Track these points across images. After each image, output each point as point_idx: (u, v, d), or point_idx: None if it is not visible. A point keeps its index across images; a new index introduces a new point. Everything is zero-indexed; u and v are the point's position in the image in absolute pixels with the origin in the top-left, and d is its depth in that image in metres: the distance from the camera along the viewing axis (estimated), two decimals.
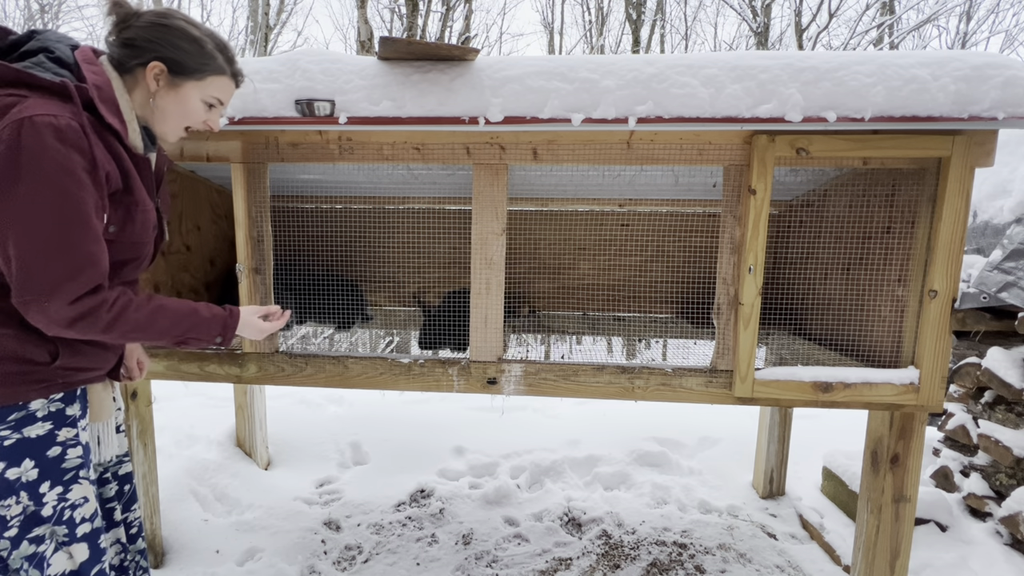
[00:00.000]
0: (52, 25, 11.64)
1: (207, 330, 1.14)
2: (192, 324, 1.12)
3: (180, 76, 1.07)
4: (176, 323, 1.09)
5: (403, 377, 1.69)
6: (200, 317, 1.13)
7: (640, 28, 13.02)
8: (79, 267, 0.95)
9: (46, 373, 1.03)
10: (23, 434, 1.02)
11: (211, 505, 2.39)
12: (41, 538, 1.05)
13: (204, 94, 1.11)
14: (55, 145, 0.90)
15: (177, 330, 1.10)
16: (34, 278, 0.93)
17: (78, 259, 0.95)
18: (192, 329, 1.12)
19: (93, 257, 0.97)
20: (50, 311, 0.95)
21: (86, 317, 0.97)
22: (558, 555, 2.17)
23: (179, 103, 1.09)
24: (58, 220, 0.92)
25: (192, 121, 1.14)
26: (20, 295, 0.94)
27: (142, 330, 1.05)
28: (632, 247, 2.38)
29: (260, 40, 11.36)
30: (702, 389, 1.61)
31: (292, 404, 3.48)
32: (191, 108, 1.11)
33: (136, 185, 1.07)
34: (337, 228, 2.27)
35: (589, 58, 1.47)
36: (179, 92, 1.08)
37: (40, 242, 0.92)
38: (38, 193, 0.90)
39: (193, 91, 1.10)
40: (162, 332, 1.08)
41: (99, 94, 1.00)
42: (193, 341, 1.13)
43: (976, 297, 2.08)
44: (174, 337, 1.10)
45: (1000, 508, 2.03)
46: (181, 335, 1.11)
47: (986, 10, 10.79)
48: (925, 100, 1.34)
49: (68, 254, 0.94)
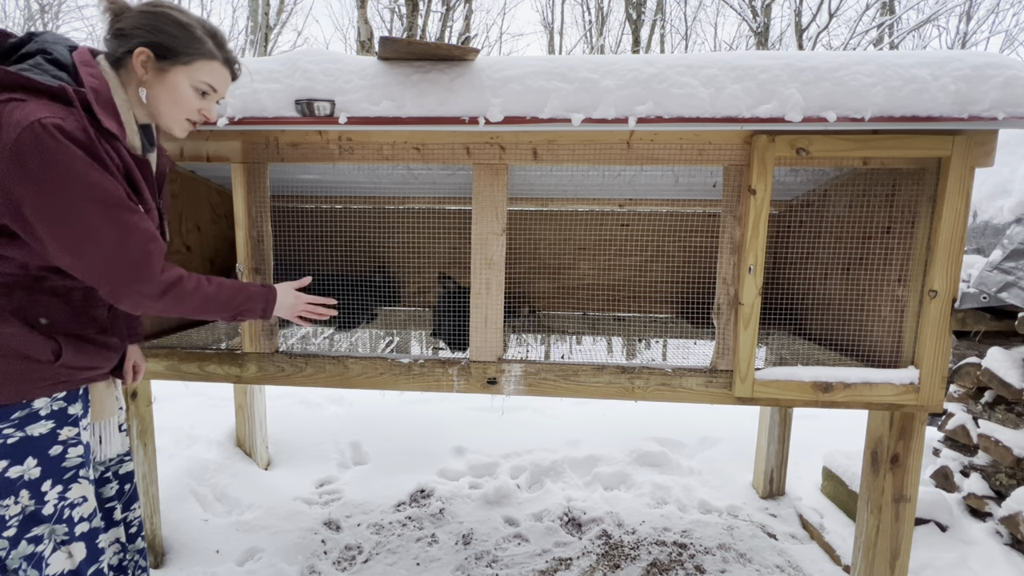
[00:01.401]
0: (52, 25, 11.63)
1: (256, 303, 1.22)
2: (246, 297, 1.20)
3: (167, 61, 1.06)
4: (233, 296, 1.18)
5: (403, 377, 1.69)
6: (249, 291, 1.22)
7: (640, 28, 13.02)
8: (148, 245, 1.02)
9: (49, 372, 1.04)
10: (26, 432, 1.02)
11: (211, 505, 2.39)
12: (40, 538, 1.05)
13: (193, 79, 1.09)
14: (70, 145, 0.92)
15: (236, 301, 1.18)
16: (116, 267, 0.99)
17: (144, 239, 1.01)
18: (246, 301, 1.20)
19: (153, 233, 1.03)
20: (144, 290, 1.02)
21: (173, 288, 1.06)
22: (558, 555, 2.17)
23: (168, 90, 1.08)
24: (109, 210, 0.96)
25: (185, 109, 1.11)
26: (109, 286, 1.01)
27: (212, 302, 1.13)
28: (632, 247, 2.38)
29: (260, 40, 11.35)
30: (702, 389, 1.61)
31: (292, 404, 3.48)
32: (180, 94, 1.09)
33: (139, 186, 1.08)
34: (337, 228, 2.27)
35: (589, 58, 1.47)
36: (167, 78, 1.07)
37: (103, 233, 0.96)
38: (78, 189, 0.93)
39: (181, 76, 1.08)
40: (225, 304, 1.16)
41: (96, 97, 1.00)
42: (247, 313, 1.21)
43: (976, 297, 2.08)
44: (233, 308, 1.18)
45: (1000, 508, 2.03)
46: (238, 307, 1.19)
47: (986, 10, 10.79)
48: (925, 100, 1.34)
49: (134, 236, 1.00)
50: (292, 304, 1.32)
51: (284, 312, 1.31)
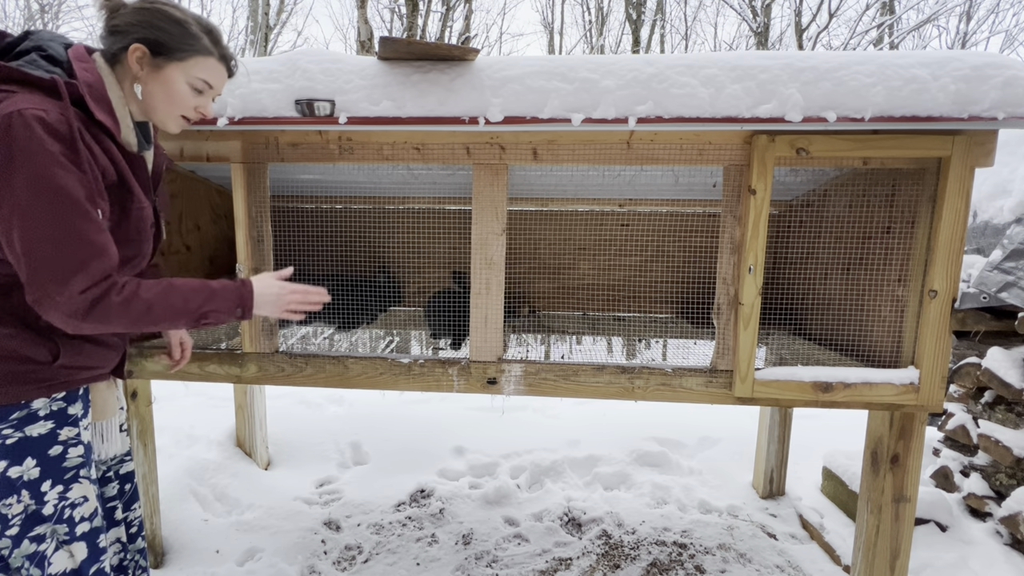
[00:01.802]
0: (52, 25, 11.63)
1: (224, 302, 1.09)
2: (206, 297, 1.06)
3: (162, 57, 1.05)
4: (190, 299, 1.04)
5: (403, 377, 1.69)
6: (212, 290, 1.08)
7: (640, 28, 13.02)
8: (86, 258, 0.93)
9: (48, 372, 1.03)
10: (25, 433, 1.02)
11: (211, 505, 2.39)
12: (42, 537, 1.05)
13: (189, 76, 1.08)
14: (45, 137, 0.90)
15: (192, 305, 1.04)
16: (41, 272, 0.91)
17: (84, 249, 0.93)
18: (208, 302, 1.06)
19: (99, 246, 0.95)
20: (62, 305, 0.92)
21: (98, 304, 0.94)
22: (558, 555, 2.17)
23: (163, 86, 1.07)
24: (58, 212, 0.91)
25: (181, 106, 1.10)
26: (32, 292, 0.92)
27: (157, 310, 1.00)
28: (632, 247, 2.38)
29: (260, 40, 11.36)
30: (702, 389, 1.61)
31: (292, 404, 3.48)
32: (176, 91, 1.08)
33: (130, 182, 1.06)
34: (337, 228, 2.27)
35: (589, 58, 1.47)
36: (162, 74, 1.06)
37: (43, 235, 0.90)
38: (35, 185, 0.89)
39: (176, 73, 1.07)
40: (177, 311, 1.03)
41: (90, 91, 0.99)
42: (213, 315, 1.07)
43: (976, 297, 2.08)
44: (191, 315, 1.05)
45: (1000, 508, 2.03)
46: (197, 311, 1.05)
47: (986, 10, 10.80)
48: (925, 100, 1.34)
49: (73, 245, 0.92)
50: (276, 296, 1.18)
51: (268, 308, 1.17)
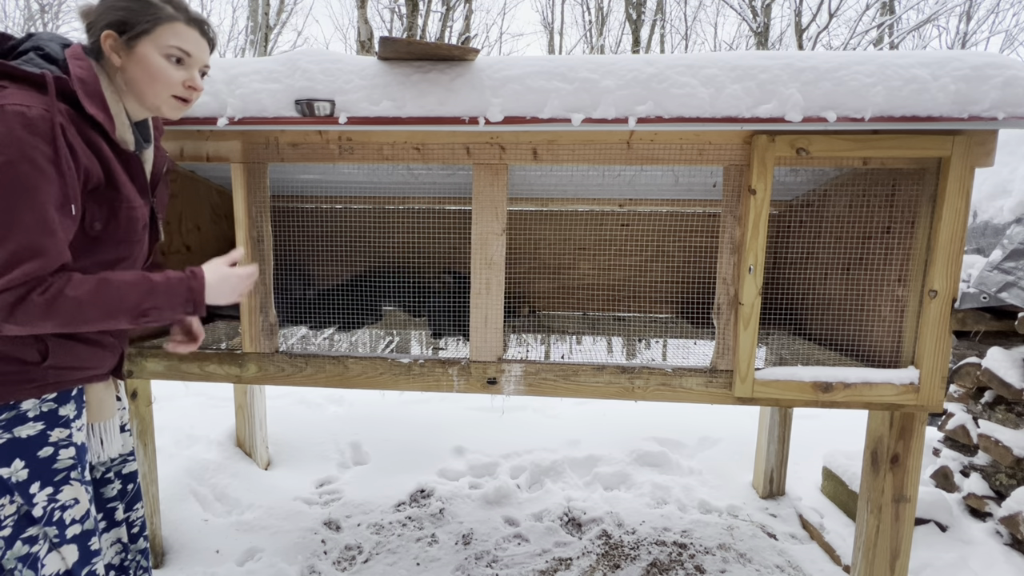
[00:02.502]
0: (52, 25, 11.64)
1: (167, 297, 1.01)
2: (146, 292, 0.99)
3: (131, 37, 1.04)
4: (125, 294, 0.97)
5: (403, 377, 1.69)
6: (152, 284, 1.00)
7: (640, 28, 13.02)
8: (19, 258, 0.89)
9: (37, 373, 1.02)
10: (13, 434, 1.01)
11: (211, 505, 2.39)
12: (35, 538, 1.04)
13: (160, 47, 1.05)
14: (21, 134, 0.89)
15: (129, 302, 0.97)
16: None
17: (20, 248, 0.89)
18: (147, 298, 0.99)
19: (39, 248, 0.90)
20: None
21: (19, 306, 0.90)
22: (558, 555, 2.17)
23: (140, 65, 1.05)
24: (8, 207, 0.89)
25: (165, 83, 1.07)
26: None
27: (88, 309, 0.94)
28: (632, 247, 2.39)
29: (260, 40, 11.36)
30: (702, 389, 1.61)
31: (292, 404, 3.48)
32: (154, 66, 1.05)
33: (120, 181, 1.05)
34: (337, 228, 2.27)
35: (589, 58, 1.47)
36: (136, 54, 1.04)
37: None
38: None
39: (149, 48, 1.04)
40: (111, 308, 0.96)
41: (83, 87, 0.99)
42: (154, 312, 1.00)
43: (976, 297, 2.08)
44: (130, 312, 0.98)
45: (1000, 508, 2.03)
46: (136, 307, 0.98)
47: (986, 10, 10.80)
48: (925, 100, 1.34)
49: (10, 245, 0.89)
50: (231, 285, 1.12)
51: (223, 295, 1.11)
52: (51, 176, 0.92)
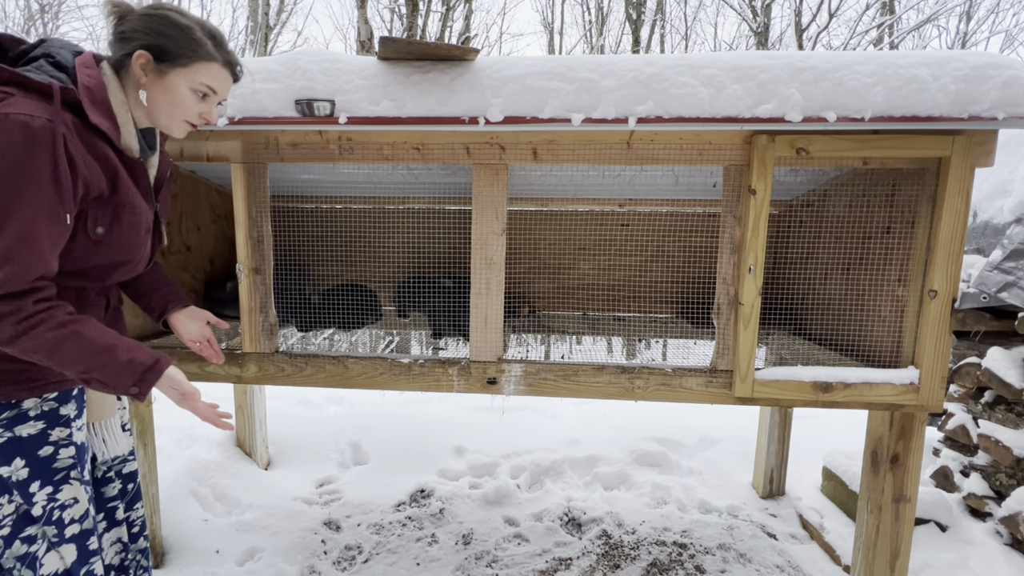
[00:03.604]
0: (52, 25, 11.64)
1: (116, 377, 1.00)
2: (101, 363, 0.98)
3: (166, 64, 1.04)
4: (82, 357, 0.97)
5: (403, 377, 1.69)
6: (113, 359, 0.99)
7: (640, 28, 13.02)
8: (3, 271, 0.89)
9: (38, 372, 1.03)
10: (15, 433, 1.02)
11: (211, 505, 2.39)
12: (33, 538, 1.05)
13: (192, 82, 1.07)
14: (21, 144, 0.89)
15: (81, 365, 0.97)
16: None
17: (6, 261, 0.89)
18: (99, 369, 0.98)
19: (16, 258, 0.90)
20: None
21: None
22: (558, 555, 2.17)
23: (167, 92, 1.06)
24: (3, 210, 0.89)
25: (184, 112, 1.09)
26: None
27: (46, 353, 0.94)
28: (632, 247, 2.38)
29: (260, 40, 11.36)
30: (702, 389, 1.61)
31: (292, 404, 3.48)
32: (180, 97, 1.07)
33: (125, 188, 1.05)
34: (337, 228, 2.27)
35: (589, 58, 1.47)
36: (166, 80, 1.06)
37: None
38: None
39: (180, 79, 1.06)
40: (63, 361, 0.96)
41: (89, 95, 0.99)
42: (96, 384, 1.00)
43: (976, 297, 2.08)
44: (77, 372, 0.98)
45: (1000, 508, 2.03)
46: (84, 371, 0.98)
47: (986, 10, 10.80)
48: (925, 100, 1.34)
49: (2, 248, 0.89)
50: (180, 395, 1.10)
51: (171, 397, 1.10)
52: (46, 187, 0.92)
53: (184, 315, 1.32)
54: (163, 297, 1.31)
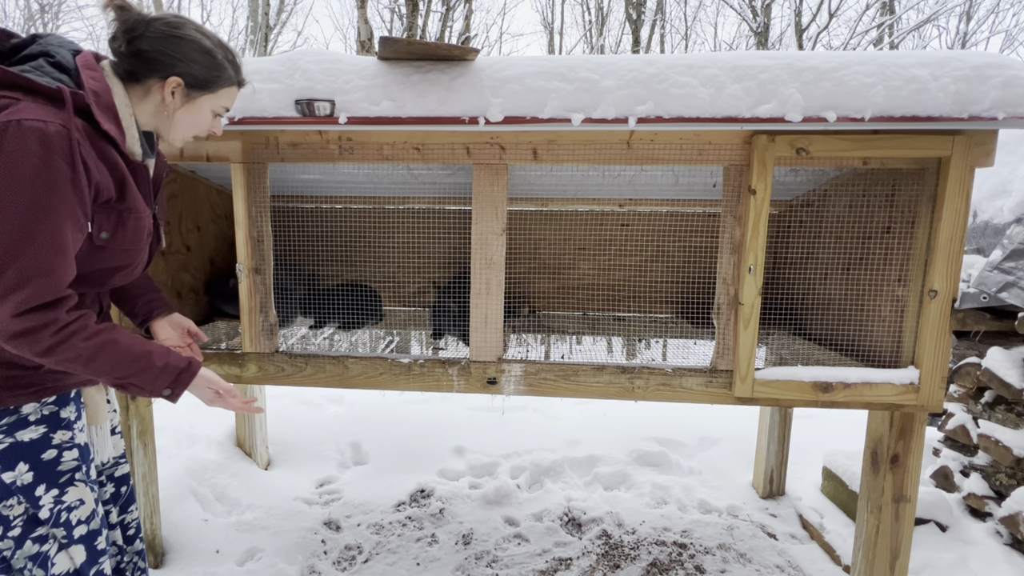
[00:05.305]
0: (52, 25, 11.64)
1: (153, 381, 1.04)
2: (139, 369, 1.02)
3: (196, 90, 1.08)
4: (120, 365, 1.00)
5: (403, 377, 1.69)
6: (150, 364, 1.03)
7: (640, 28, 13.02)
8: (31, 276, 0.89)
9: (35, 378, 1.03)
10: (16, 438, 1.02)
11: (211, 505, 2.38)
12: (44, 537, 1.05)
13: (215, 105, 1.13)
14: (37, 151, 0.88)
15: (119, 372, 1.00)
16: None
17: (32, 268, 0.89)
18: (136, 375, 1.02)
19: (50, 268, 0.91)
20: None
21: (28, 335, 0.91)
22: (558, 555, 2.17)
23: (192, 115, 1.11)
24: (22, 226, 0.88)
25: (200, 130, 1.15)
26: None
27: (83, 362, 0.96)
28: (632, 247, 2.38)
29: (260, 40, 11.36)
30: (702, 389, 1.61)
31: (292, 404, 3.48)
32: (202, 119, 1.13)
33: (131, 193, 1.05)
34: (337, 228, 2.27)
35: (589, 58, 1.47)
36: (194, 105, 1.10)
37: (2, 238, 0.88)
38: (8, 197, 0.87)
39: (206, 103, 1.11)
40: (101, 370, 0.99)
41: (96, 100, 0.98)
42: (133, 388, 1.03)
43: (976, 297, 2.08)
44: (114, 378, 1.01)
45: (1000, 508, 2.03)
46: (122, 378, 1.01)
47: (986, 10, 10.80)
48: (925, 100, 1.34)
49: (23, 261, 0.89)
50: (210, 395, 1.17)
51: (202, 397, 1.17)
52: (67, 194, 0.92)
53: (167, 322, 1.33)
54: (148, 303, 1.32)
